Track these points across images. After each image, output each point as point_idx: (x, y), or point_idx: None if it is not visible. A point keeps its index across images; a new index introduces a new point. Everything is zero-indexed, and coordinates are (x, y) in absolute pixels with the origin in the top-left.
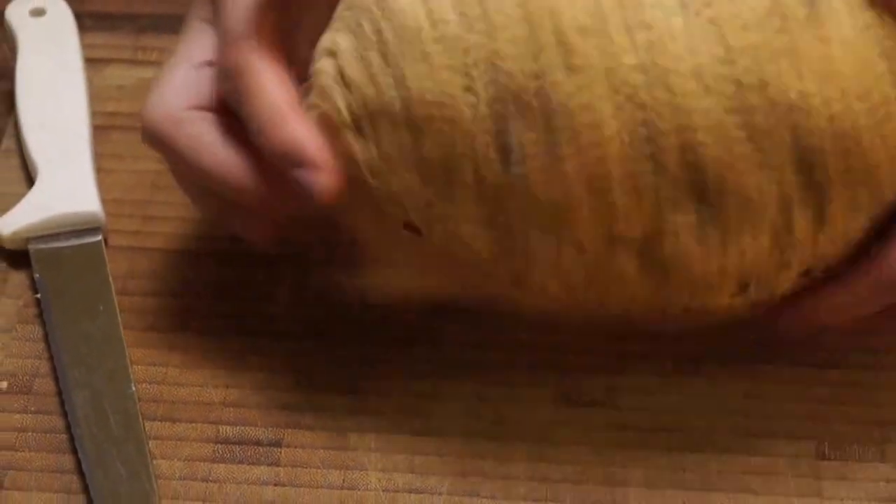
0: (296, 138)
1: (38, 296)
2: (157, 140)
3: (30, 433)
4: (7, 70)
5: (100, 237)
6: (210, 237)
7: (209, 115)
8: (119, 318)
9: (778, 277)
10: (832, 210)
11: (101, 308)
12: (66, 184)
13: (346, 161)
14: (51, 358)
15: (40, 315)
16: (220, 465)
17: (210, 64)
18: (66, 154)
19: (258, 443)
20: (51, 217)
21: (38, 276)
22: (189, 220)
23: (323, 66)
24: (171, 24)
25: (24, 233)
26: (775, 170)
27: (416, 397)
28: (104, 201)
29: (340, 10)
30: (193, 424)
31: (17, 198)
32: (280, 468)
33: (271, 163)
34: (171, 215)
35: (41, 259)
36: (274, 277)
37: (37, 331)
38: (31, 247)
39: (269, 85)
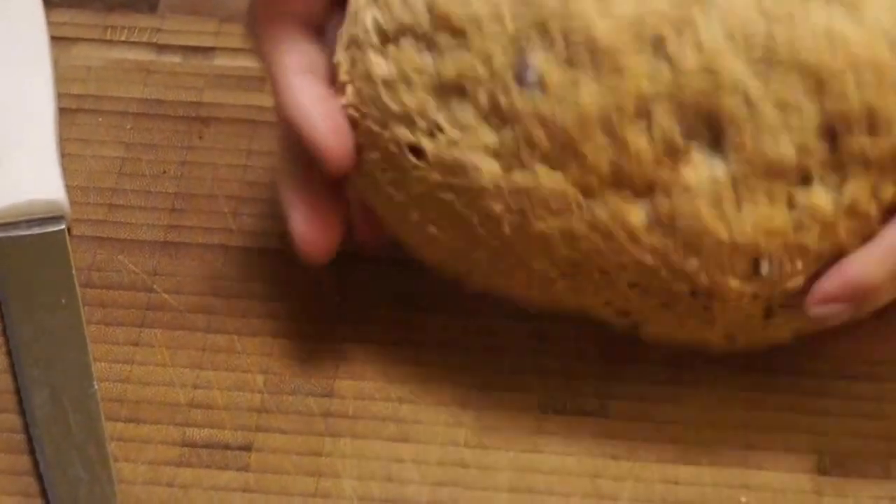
0: (303, 114)
1: None
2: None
3: None
4: None
5: (63, 226)
6: (180, 227)
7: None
8: (82, 313)
9: (792, 263)
10: (854, 192)
11: (63, 301)
12: (28, 170)
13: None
14: (8, 353)
15: None
16: (186, 469)
17: None
18: (30, 138)
19: (227, 446)
20: (11, 205)
21: None
22: (158, 209)
23: None
24: (142, 3)
25: None
26: (797, 132)
27: (393, 401)
28: (68, 188)
29: None
30: (158, 426)
31: None
32: (250, 474)
33: None
34: (139, 204)
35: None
36: (246, 271)
37: None
38: None
39: (286, 57)
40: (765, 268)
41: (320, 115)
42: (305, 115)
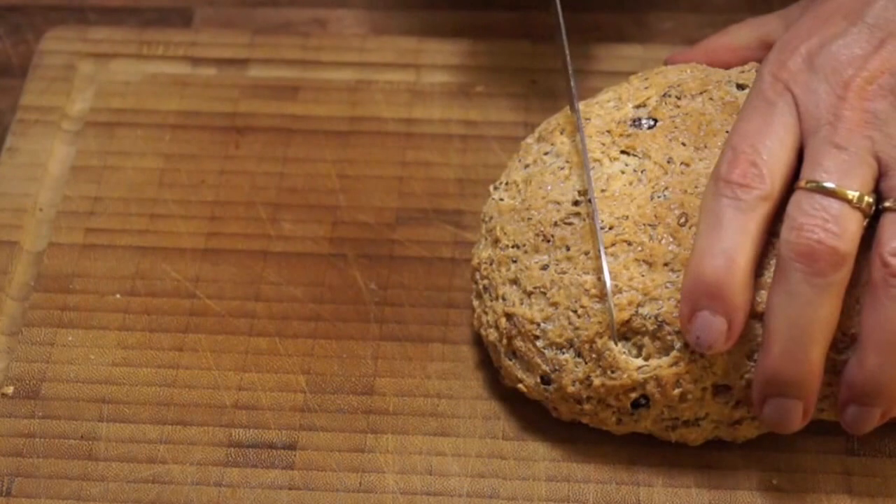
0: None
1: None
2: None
3: (37, 439)
4: (10, 67)
5: None
6: (220, 235)
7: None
8: None
9: None
10: None
11: None
12: None
13: None
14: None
15: (47, 318)
16: (234, 469)
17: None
18: None
19: (272, 446)
20: None
21: None
22: (198, 217)
23: None
24: (177, 18)
25: None
26: None
27: (433, 397)
28: (110, 199)
29: None
30: (205, 428)
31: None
32: (295, 471)
33: None
34: (180, 214)
35: None
36: (286, 276)
37: (44, 333)
38: None
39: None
40: None
41: None
42: None
